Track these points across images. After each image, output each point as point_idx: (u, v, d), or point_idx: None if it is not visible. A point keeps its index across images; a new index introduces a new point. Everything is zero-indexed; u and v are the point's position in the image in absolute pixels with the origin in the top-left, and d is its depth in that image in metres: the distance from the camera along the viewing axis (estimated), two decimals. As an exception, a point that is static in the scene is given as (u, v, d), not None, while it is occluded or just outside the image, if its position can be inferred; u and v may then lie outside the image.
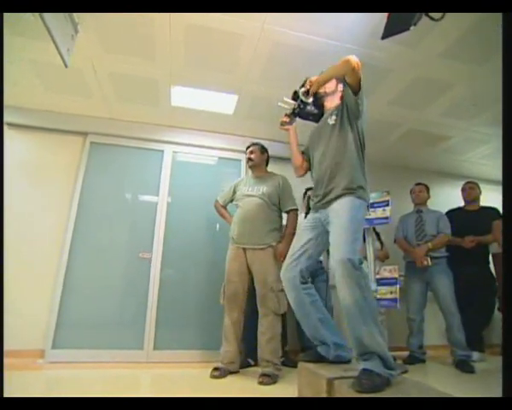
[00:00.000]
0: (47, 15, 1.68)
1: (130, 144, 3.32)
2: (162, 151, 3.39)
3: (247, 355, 2.63)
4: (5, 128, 3.00)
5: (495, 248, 3.13)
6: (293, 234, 2.08)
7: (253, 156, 2.67)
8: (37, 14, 1.63)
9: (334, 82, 1.83)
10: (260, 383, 2.12)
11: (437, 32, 2.15)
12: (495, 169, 4.28)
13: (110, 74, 2.64)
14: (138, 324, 2.86)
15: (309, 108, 1.91)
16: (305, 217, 2.01)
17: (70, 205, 3.03)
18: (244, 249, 2.43)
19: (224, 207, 2.76)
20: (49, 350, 2.65)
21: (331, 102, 1.84)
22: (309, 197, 2.43)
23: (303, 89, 1.83)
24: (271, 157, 2.84)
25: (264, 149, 2.74)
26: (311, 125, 1.96)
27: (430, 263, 2.87)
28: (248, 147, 2.74)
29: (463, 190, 3.36)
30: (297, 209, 2.55)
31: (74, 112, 3.18)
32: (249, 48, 2.34)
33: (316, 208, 1.75)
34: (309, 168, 1.92)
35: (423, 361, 2.92)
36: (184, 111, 3.17)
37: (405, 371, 2.48)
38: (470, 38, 2.19)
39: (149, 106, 3.11)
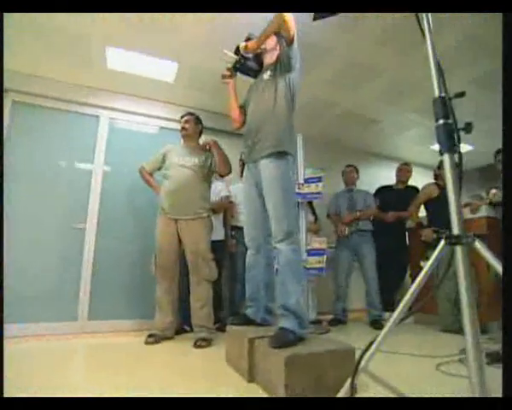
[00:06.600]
0: None
1: (60, 107, 3.05)
2: (98, 116, 3.18)
3: (183, 322, 2.72)
4: None
5: (409, 223, 3.52)
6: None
7: (187, 126, 2.65)
8: None
9: (274, 39, 1.89)
10: (196, 346, 2.23)
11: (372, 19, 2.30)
12: (420, 153, 4.76)
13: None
14: (72, 295, 2.77)
15: (249, 63, 1.98)
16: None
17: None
18: (175, 220, 2.46)
19: (151, 174, 2.73)
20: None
21: (270, 59, 1.91)
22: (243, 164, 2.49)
23: (244, 44, 1.88)
24: (212, 129, 2.81)
25: (198, 121, 2.73)
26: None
27: (347, 233, 3.25)
28: (183, 116, 2.71)
29: (400, 170, 3.71)
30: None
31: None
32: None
33: (247, 162, 1.86)
34: (245, 121, 1.97)
35: (345, 323, 3.27)
36: (122, 75, 2.98)
37: (327, 331, 2.78)
38: (402, 27, 2.34)
39: (82, 66, 2.86)
